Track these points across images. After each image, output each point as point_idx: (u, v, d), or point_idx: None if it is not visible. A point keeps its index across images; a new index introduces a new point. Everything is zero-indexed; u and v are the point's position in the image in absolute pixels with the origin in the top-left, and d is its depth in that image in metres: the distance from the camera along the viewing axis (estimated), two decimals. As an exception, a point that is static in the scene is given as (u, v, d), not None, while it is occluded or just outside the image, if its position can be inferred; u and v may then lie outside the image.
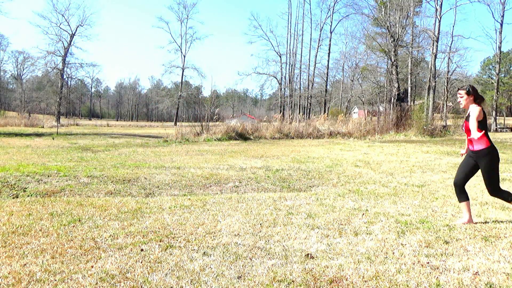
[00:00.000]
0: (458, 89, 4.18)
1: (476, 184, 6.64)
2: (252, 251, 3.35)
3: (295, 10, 61.09)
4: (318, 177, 7.47)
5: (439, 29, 28.84)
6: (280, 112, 38.96)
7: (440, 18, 28.58)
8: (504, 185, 6.56)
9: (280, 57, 43.93)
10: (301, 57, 43.31)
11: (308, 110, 42.27)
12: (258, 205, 5.04)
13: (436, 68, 30.82)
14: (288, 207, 4.97)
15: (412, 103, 29.62)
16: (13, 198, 5.31)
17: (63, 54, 46.00)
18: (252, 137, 19.88)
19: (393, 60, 27.55)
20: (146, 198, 5.48)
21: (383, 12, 28.51)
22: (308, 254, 3.27)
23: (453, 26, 34.55)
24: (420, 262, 3.11)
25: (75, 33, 46.59)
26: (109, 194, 5.67)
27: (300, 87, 44.27)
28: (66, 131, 25.77)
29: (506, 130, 30.84)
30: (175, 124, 50.69)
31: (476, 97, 4.06)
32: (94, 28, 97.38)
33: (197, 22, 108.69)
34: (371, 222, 4.27)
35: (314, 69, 43.95)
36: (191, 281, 2.73)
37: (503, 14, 31.31)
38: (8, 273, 2.79)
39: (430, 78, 28.91)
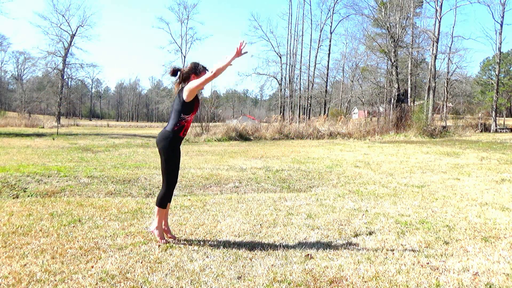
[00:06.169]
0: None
1: (476, 185, 6.65)
2: (252, 251, 3.35)
3: (295, 11, 60.77)
4: (318, 177, 7.47)
5: (439, 30, 28.85)
6: (280, 112, 38.94)
7: (440, 19, 28.57)
8: (504, 185, 6.57)
9: (280, 57, 43.87)
10: (301, 58, 43.18)
11: (308, 111, 42.19)
12: (258, 205, 5.04)
13: (436, 69, 30.81)
14: (288, 207, 4.97)
15: (412, 104, 29.63)
16: (13, 198, 5.31)
17: (63, 55, 45.94)
18: (252, 138, 19.89)
19: (393, 60, 27.57)
20: (146, 198, 5.48)
21: (383, 13, 28.54)
22: (308, 255, 3.27)
23: (453, 27, 34.75)
24: (420, 263, 3.12)
25: (75, 33, 46.56)
26: (109, 195, 5.67)
27: (300, 88, 44.20)
28: (66, 132, 25.77)
29: (505, 131, 30.81)
30: (175, 124, 50.52)
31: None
32: (95, 28, 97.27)
33: (197, 22, 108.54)
34: (371, 223, 4.28)
35: (314, 70, 43.91)
36: (191, 282, 2.73)
37: (503, 15, 31.31)
38: (8, 273, 2.79)
39: (430, 79, 28.91)
